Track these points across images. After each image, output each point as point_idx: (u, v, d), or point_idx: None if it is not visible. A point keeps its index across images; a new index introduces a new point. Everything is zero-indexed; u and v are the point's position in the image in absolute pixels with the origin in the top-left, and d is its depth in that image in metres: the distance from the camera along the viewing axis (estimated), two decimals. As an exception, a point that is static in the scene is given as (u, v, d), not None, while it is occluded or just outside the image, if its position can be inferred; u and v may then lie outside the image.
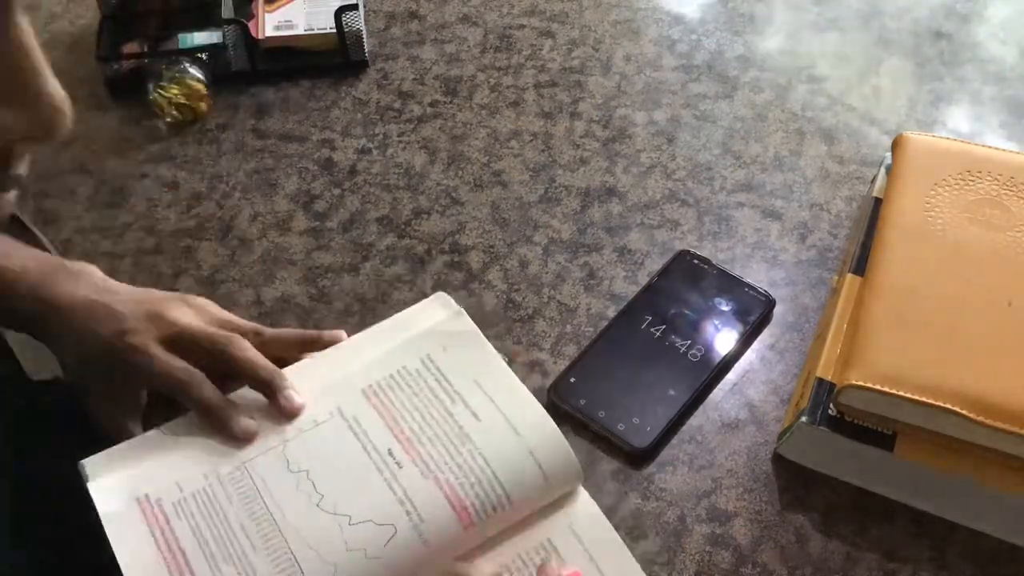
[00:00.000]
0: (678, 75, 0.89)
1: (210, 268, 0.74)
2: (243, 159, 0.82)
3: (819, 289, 0.72)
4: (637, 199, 0.78)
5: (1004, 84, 0.88)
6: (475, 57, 0.90)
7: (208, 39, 0.87)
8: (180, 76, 0.83)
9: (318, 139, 0.84)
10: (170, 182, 0.80)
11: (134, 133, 0.84)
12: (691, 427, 0.65)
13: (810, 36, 0.93)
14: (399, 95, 0.87)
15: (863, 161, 0.81)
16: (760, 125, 0.84)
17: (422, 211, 0.78)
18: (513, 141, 0.83)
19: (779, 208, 0.78)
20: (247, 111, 0.86)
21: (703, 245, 0.75)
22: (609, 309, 0.71)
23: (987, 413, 0.55)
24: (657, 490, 0.62)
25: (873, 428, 0.59)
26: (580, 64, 0.90)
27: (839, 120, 0.85)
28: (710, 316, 0.70)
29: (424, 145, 0.83)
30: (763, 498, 0.61)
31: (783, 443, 0.62)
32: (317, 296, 0.72)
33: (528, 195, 0.79)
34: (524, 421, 0.56)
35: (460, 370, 0.58)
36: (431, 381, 0.58)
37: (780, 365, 0.68)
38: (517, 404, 0.57)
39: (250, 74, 0.88)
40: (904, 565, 0.59)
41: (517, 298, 0.72)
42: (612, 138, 0.83)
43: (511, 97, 0.87)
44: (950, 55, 0.90)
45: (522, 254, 0.75)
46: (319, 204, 0.79)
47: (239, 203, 0.79)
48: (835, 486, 0.62)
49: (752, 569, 0.58)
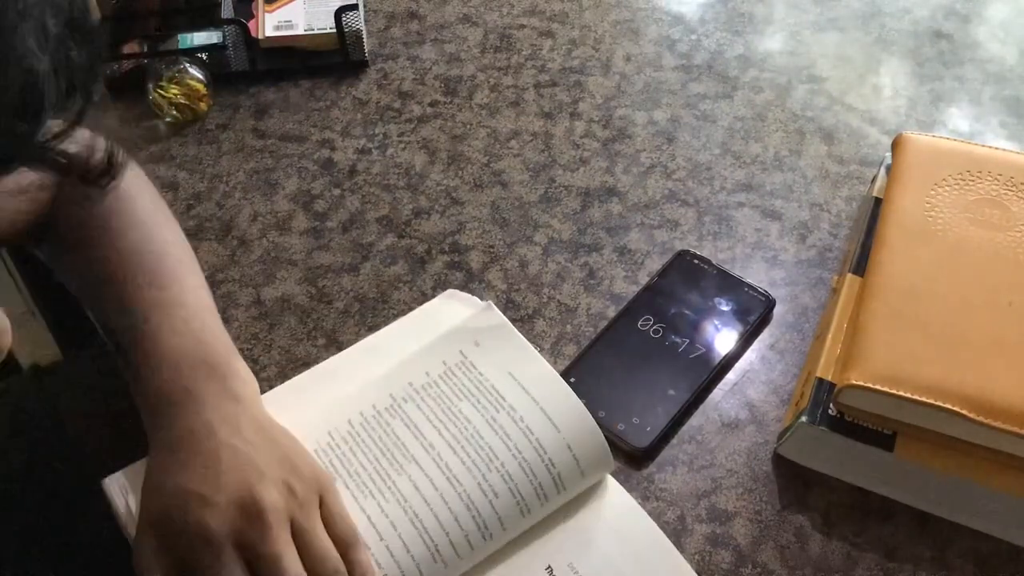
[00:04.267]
0: (678, 75, 0.89)
1: (210, 268, 0.74)
2: (243, 159, 0.82)
3: (819, 289, 0.72)
4: (637, 199, 0.78)
5: (1004, 84, 0.88)
6: (475, 57, 0.90)
7: (208, 39, 0.87)
8: (180, 76, 0.83)
9: (318, 139, 0.84)
10: (170, 182, 0.80)
11: (134, 133, 0.84)
12: (691, 427, 0.65)
13: (810, 36, 0.93)
14: (399, 95, 0.87)
15: (863, 161, 0.81)
16: (760, 125, 0.84)
17: (422, 211, 0.78)
18: (513, 141, 0.83)
19: (779, 208, 0.78)
20: (247, 111, 0.86)
21: (703, 245, 0.75)
22: (609, 309, 0.71)
23: (987, 413, 0.55)
24: (657, 490, 0.62)
25: (873, 428, 0.59)
26: (580, 64, 0.90)
27: (839, 120, 0.85)
28: (710, 316, 0.70)
29: (424, 145, 0.83)
30: (763, 498, 0.61)
31: (783, 443, 0.62)
32: (317, 296, 0.72)
33: (528, 195, 0.79)
34: (561, 413, 0.57)
35: (494, 364, 0.59)
36: (465, 379, 0.59)
37: (780, 365, 0.68)
38: (553, 395, 0.57)
39: (250, 74, 0.88)
40: (904, 565, 0.59)
41: (517, 298, 0.72)
42: (612, 138, 0.83)
43: (511, 97, 0.87)
44: (950, 55, 0.90)
45: (522, 254, 0.75)
46: (319, 204, 0.79)
47: (239, 203, 0.79)
48: (835, 486, 0.62)
49: (752, 569, 0.58)
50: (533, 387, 0.58)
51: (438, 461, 0.55)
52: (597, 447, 0.56)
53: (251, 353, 0.69)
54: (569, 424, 0.56)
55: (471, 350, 0.60)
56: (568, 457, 0.55)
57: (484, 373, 0.59)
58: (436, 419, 0.57)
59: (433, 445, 0.56)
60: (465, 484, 0.54)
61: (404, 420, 0.58)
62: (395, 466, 0.55)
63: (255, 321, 0.71)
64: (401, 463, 0.56)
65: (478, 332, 0.62)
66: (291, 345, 0.69)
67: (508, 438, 0.56)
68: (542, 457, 0.55)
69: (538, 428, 0.56)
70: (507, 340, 0.61)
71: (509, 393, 0.58)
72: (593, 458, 0.56)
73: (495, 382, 0.58)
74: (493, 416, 0.57)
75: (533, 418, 0.56)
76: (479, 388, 0.58)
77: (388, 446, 0.57)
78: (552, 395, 0.57)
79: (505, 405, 0.57)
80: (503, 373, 0.59)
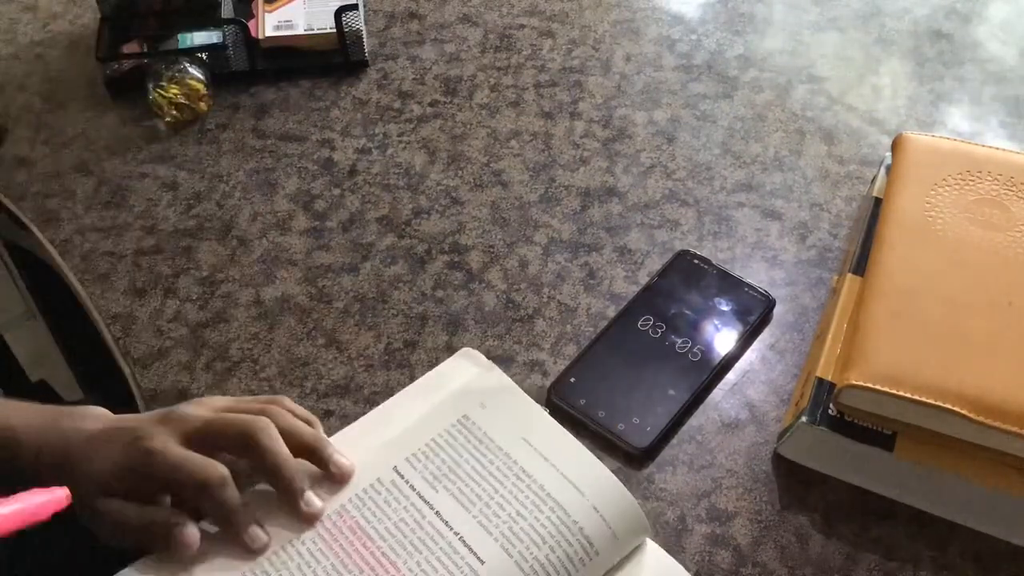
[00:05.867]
0: (678, 75, 0.89)
1: (210, 268, 0.74)
2: (243, 159, 0.82)
3: (819, 289, 0.72)
4: (637, 199, 0.78)
5: (1004, 84, 0.88)
6: (475, 57, 0.90)
7: (208, 39, 0.87)
8: (180, 76, 0.83)
9: (318, 139, 0.84)
10: (170, 182, 0.80)
11: (134, 133, 0.84)
12: (691, 427, 0.65)
13: (810, 36, 0.93)
14: (399, 95, 0.87)
15: (863, 161, 0.81)
16: (760, 125, 0.84)
17: (422, 211, 0.78)
18: (513, 141, 0.83)
19: (779, 208, 0.78)
20: (247, 111, 0.86)
21: (703, 245, 0.75)
22: (609, 309, 0.71)
23: (987, 413, 0.55)
24: (657, 490, 0.62)
25: (873, 428, 0.59)
26: (580, 64, 0.90)
27: (839, 120, 0.85)
28: (710, 316, 0.70)
29: (424, 145, 0.83)
30: (763, 498, 0.61)
31: (783, 443, 0.62)
32: (317, 296, 0.72)
33: (528, 195, 0.79)
34: (583, 477, 0.54)
35: (503, 428, 0.57)
36: (473, 443, 0.57)
37: (780, 365, 0.68)
38: (572, 459, 0.55)
39: (250, 74, 0.88)
40: (904, 565, 0.59)
41: (517, 298, 0.72)
42: (612, 138, 0.83)
43: (511, 97, 0.87)
44: (950, 55, 0.90)
45: (522, 254, 0.75)
46: (319, 204, 0.79)
47: (239, 203, 0.79)
48: (835, 486, 0.62)
49: (752, 569, 0.58)
50: (549, 451, 0.55)
51: (462, 539, 0.52)
52: (627, 508, 0.54)
53: (251, 353, 0.69)
54: (592, 486, 0.54)
55: (477, 413, 0.58)
56: (598, 521, 0.53)
57: (493, 437, 0.56)
58: (444, 488, 0.55)
59: (451, 523, 0.53)
60: (493, 558, 0.51)
61: (411, 494, 0.55)
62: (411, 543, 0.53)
63: (255, 321, 0.71)
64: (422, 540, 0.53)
65: (482, 394, 0.59)
66: (291, 345, 0.69)
67: (533, 507, 0.53)
68: (568, 524, 0.52)
69: (562, 494, 0.53)
70: (514, 402, 0.59)
71: (524, 457, 0.55)
72: (627, 522, 0.54)
73: (505, 446, 0.56)
74: (515, 485, 0.54)
75: (555, 486, 0.54)
76: (490, 451, 0.56)
77: (405, 521, 0.54)
78: (569, 456, 0.55)
79: (524, 475, 0.54)
80: (514, 437, 0.56)
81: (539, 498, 0.54)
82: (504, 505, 0.54)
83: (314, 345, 0.69)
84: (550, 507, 0.53)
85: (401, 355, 0.69)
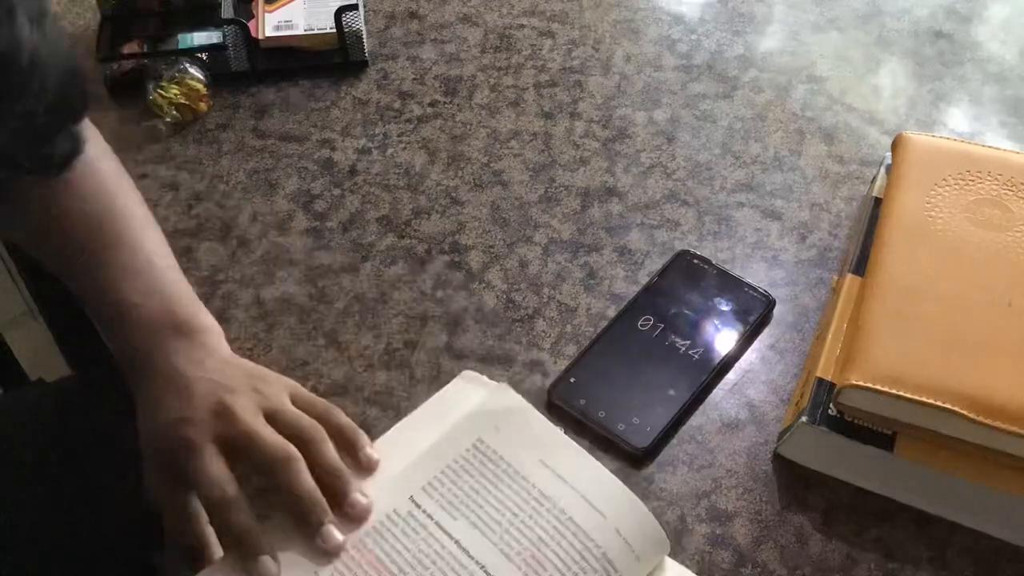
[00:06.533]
0: (678, 75, 0.89)
1: (210, 268, 0.74)
2: (243, 159, 0.82)
3: (819, 289, 0.72)
4: (637, 199, 0.78)
5: (1004, 84, 0.88)
6: (475, 57, 0.90)
7: (208, 39, 0.87)
8: (180, 76, 0.83)
9: (318, 139, 0.84)
10: (170, 182, 0.80)
11: (133, 133, 0.84)
12: (691, 427, 0.65)
13: (810, 36, 0.93)
14: (399, 95, 0.87)
15: (863, 161, 0.81)
16: (760, 125, 0.84)
17: (422, 211, 0.78)
18: (513, 141, 0.83)
19: (779, 208, 0.78)
20: (247, 111, 0.86)
21: (703, 245, 0.75)
22: (609, 309, 0.71)
23: (987, 413, 0.55)
24: (657, 490, 0.62)
25: (873, 428, 0.59)
26: (580, 64, 0.90)
27: (839, 120, 0.85)
28: (710, 316, 0.70)
29: (424, 145, 0.83)
30: (763, 498, 0.62)
31: (783, 443, 0.62)
32: (317, 296, 0.72)
33: (528, 195, 0.79)
34: (603, 499, 0.53)
35: (520, 451, 0.55)
36: (491, 467, 0.55)
37: (780, 365, 0.68)
38: (591, 480, 0.54)
39: (250, 74, 0.88)
40: (904, 565, 0.59)
41: (517, 298, 0.72)
42: (612, 138, 0.83)
43: (511, 97, 0.87)
44: (950, 55, 0.90)
45: (522, 254, 0.75)
46: (319, 204, 0.79)
47: (239, 203, 0.79)
48: (835, 486, 0.62)
49: (752, 569, 0.58)
50: (568, 472, 0.54)
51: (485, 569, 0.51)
52: (649, 528, 0.53)
53: (251, 353, 0.69)
54: (615, 508, 0.53)
55: (491, 437, 0.56)
56: (620, 543, 0.52)
57: (509, 460, 0.55)
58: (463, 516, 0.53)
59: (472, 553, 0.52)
60: None
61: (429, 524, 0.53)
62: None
63: (255, 321, 0.71)
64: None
65: (495, 416, 0.58)
66: (291, 345, 0.69)
67: (555, 531, 0.52)
68: (591, 549, 0.51)
69: (583, 518, 0.52)
70: (529, 423, 0.57)
71: (542, 480, 0.54)
72: (648, 542, 0.53)
73: (523, 469, 0.55)
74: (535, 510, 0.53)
75: (577, 509, 0.53)
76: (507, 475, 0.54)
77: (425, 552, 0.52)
78: (590, 478, 0.54)
79: (544, 499, 0.53)
80: (532, 460, 0.55)
81: (560, 523, 0.53)
82: (525, 532, 0.52)
83: (314, 345, 0.69)
84: (572, 532, 0.52)
85: (401, 355, 0.69)
